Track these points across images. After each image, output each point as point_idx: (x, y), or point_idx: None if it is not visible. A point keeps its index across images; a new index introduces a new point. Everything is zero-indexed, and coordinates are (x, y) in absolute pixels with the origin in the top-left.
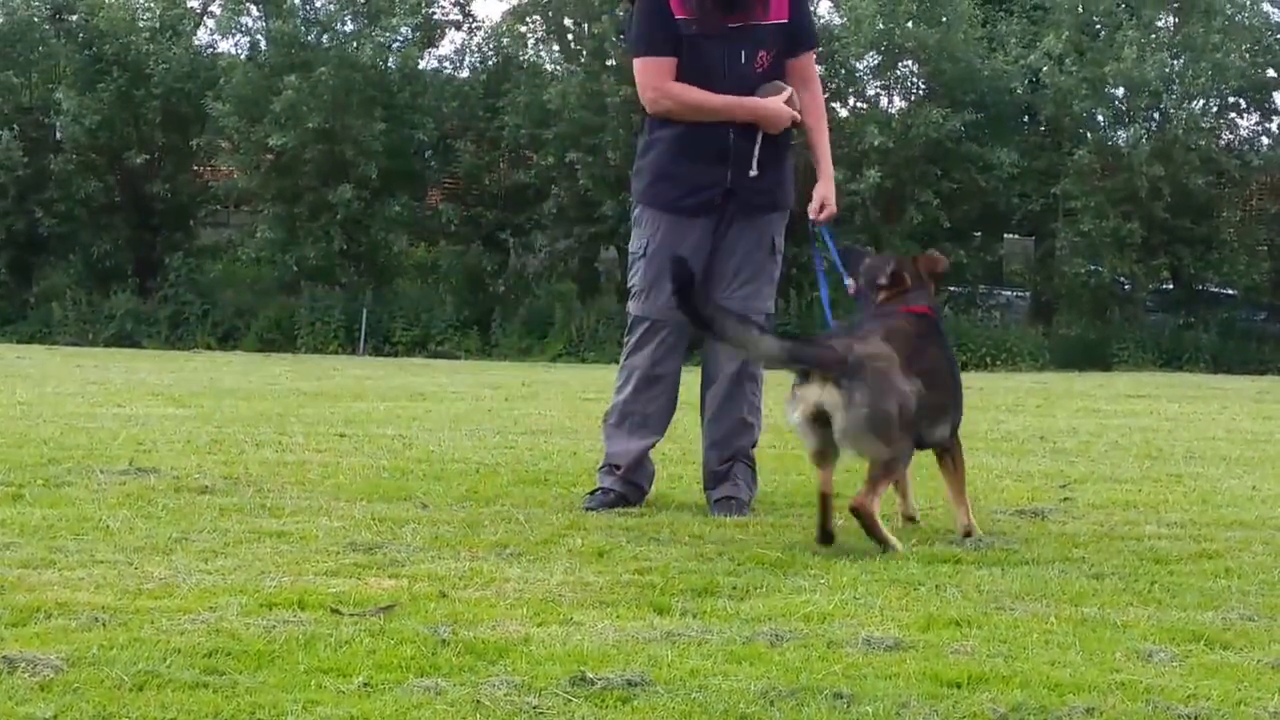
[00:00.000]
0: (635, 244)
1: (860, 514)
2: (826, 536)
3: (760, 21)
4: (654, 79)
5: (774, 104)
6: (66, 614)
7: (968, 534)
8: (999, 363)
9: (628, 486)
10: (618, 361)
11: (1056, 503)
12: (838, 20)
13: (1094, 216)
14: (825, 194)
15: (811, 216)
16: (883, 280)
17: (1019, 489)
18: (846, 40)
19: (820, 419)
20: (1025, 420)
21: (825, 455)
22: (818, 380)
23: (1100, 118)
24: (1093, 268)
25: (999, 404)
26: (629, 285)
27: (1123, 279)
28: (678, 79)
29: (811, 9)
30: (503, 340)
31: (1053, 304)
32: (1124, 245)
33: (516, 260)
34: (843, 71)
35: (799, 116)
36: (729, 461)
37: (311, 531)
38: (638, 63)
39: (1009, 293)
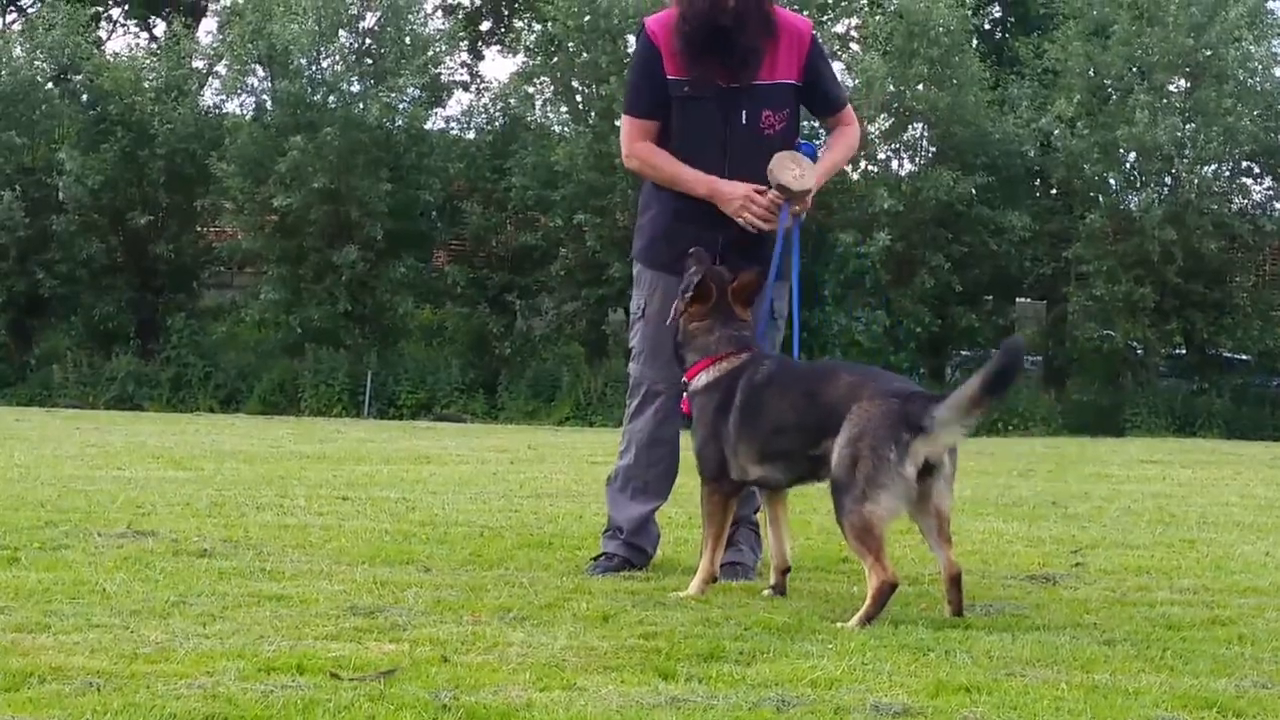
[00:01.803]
0: (635, 304)
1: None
2: None
3: (763, 81)
4: (627, 138)
5: (731, 189)
6: (61, 679)
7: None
8: (1011, 427)
9: (632, 551)
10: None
11: (1068, 568)
12: (849, 82)
13: (1106, 281)
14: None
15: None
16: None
17: (1030, 554)
18: (857, 103)
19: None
20: (1037, 485)
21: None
22: None
23: (1112, 181)
24: (1105, 332)
25: (1010, 469)
26: (630, 346)
27: (1135, 344)
28: (674, 139)
29: (830, 66)
30: (509, 403)
31: (1065, 368)
32: (1136, 310)
33: (523, 322)
34: None
35: (780, 204)
36: (733, 527)
37: (312, 595)
38: (622, 119)
39: None
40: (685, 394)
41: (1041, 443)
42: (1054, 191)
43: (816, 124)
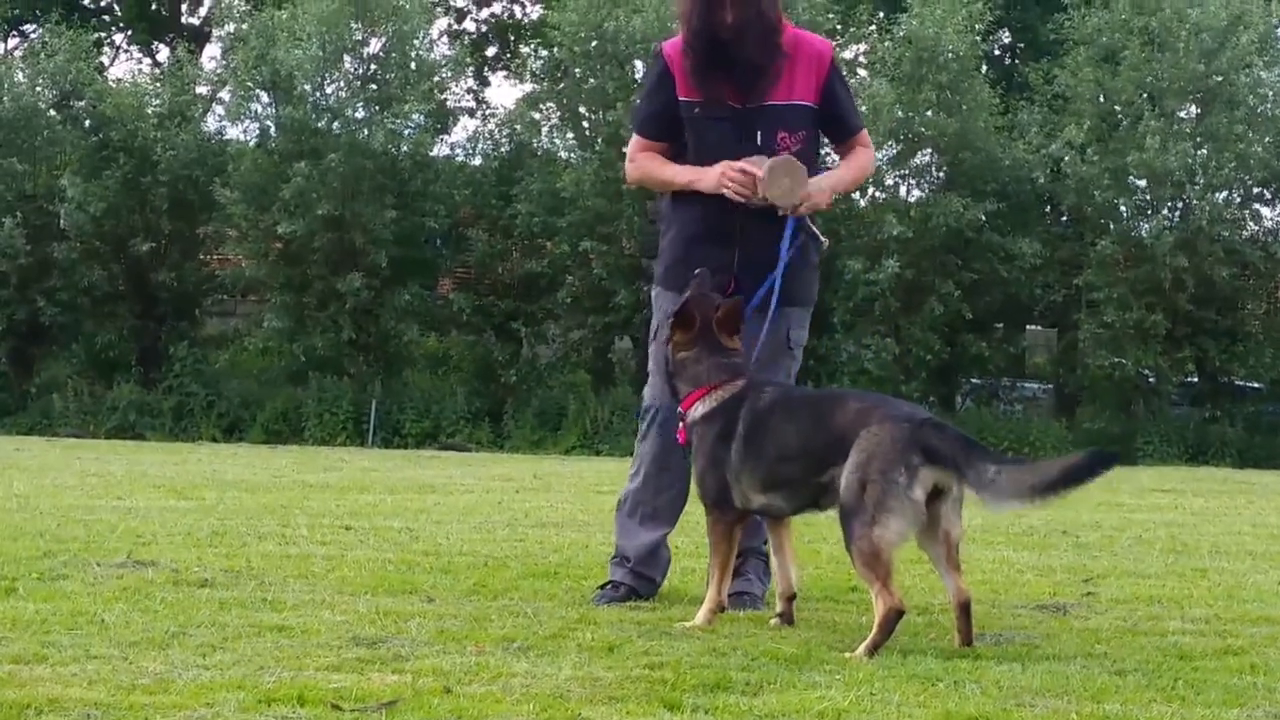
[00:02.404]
0: (652, 326)
1: None
2: None
3: (779, 102)
4: (630, 151)
5: (708, 171)
6: (58, 711)
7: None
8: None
9: (638, 579)
10: (632, 453)
11: (1079, 597)
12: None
13: (1117, 308)
14: (814, 187)
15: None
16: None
17: (1041, 583)
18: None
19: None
20: (1047, 514)
21: None
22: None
23: (1123, 208)
24: (1116, 360)
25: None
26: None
27: (1147, 371)
28: (690, 160)
29: (849, 90)
30: (515, 432)
31: (1076, 397)
32: (1148, 337)
33: (529, 350)
34: None
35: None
36: (741, 556)
37: (313, 625)
38: (631, 139)
39: (1032, 385)
40: (682, 424)
41: None
42: (1064, 218)
43: (828, 150)
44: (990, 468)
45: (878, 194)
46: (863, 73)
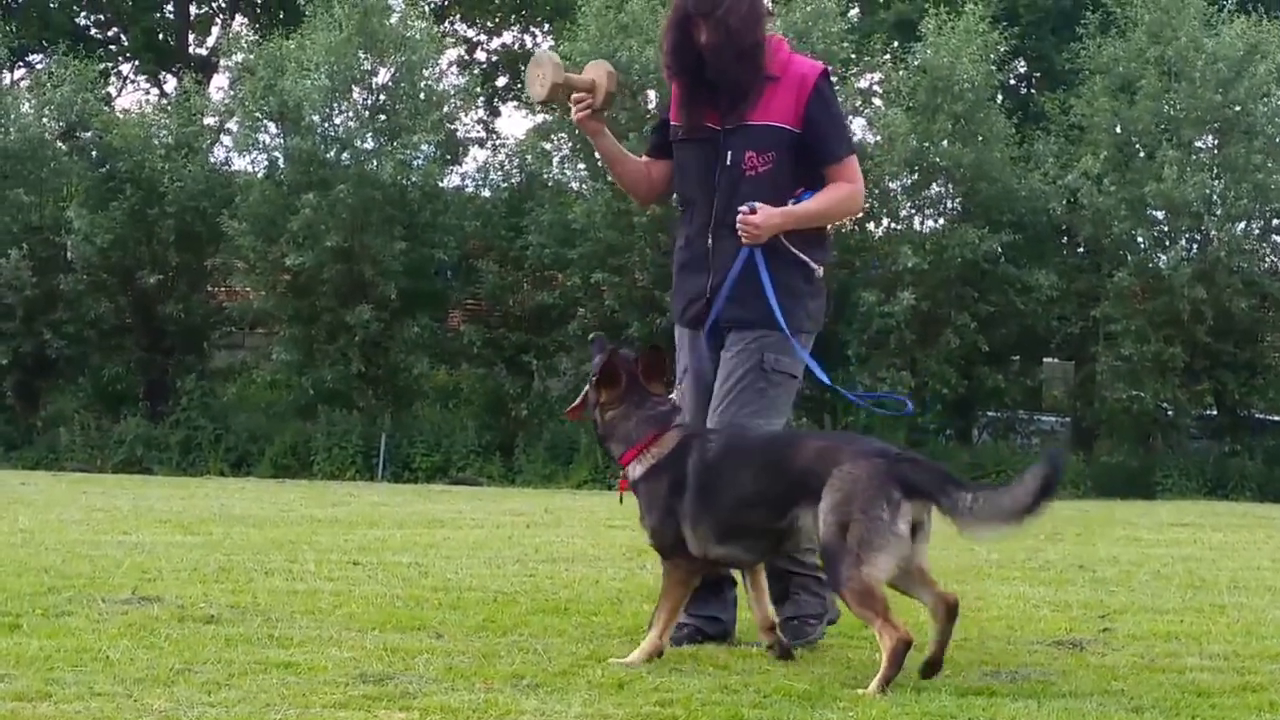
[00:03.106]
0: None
1: None
2: None
3: (752, 122)
4: None
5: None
6: None
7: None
8: None
9: (703, 619)
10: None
11: (1096, 633)
12: (871, 138)
13: (1135, 340)
14: (758, 209)
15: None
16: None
17: (1057, 619)
18: (880, 159)
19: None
20: (1065, 549)
21: None
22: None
23: (1140, 239)
24: (1134, 393)
25: (1037, 531)
26: None
27: (1165, 405)
28: (675, 182)
29: (838, 118)
30: (526, 466)
31: (1093, 430)
32: (1166, 370)
33: (540, 384)
34: (876, 191)
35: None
36: (789, 577)
37: (320, 662)
38: None
39: (1049, 418)
40: (623, 476)
41: (1069, 505)
42: (1081, 249)
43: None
44: (967, 495)
45: (892, 225)
46: (877, 102)
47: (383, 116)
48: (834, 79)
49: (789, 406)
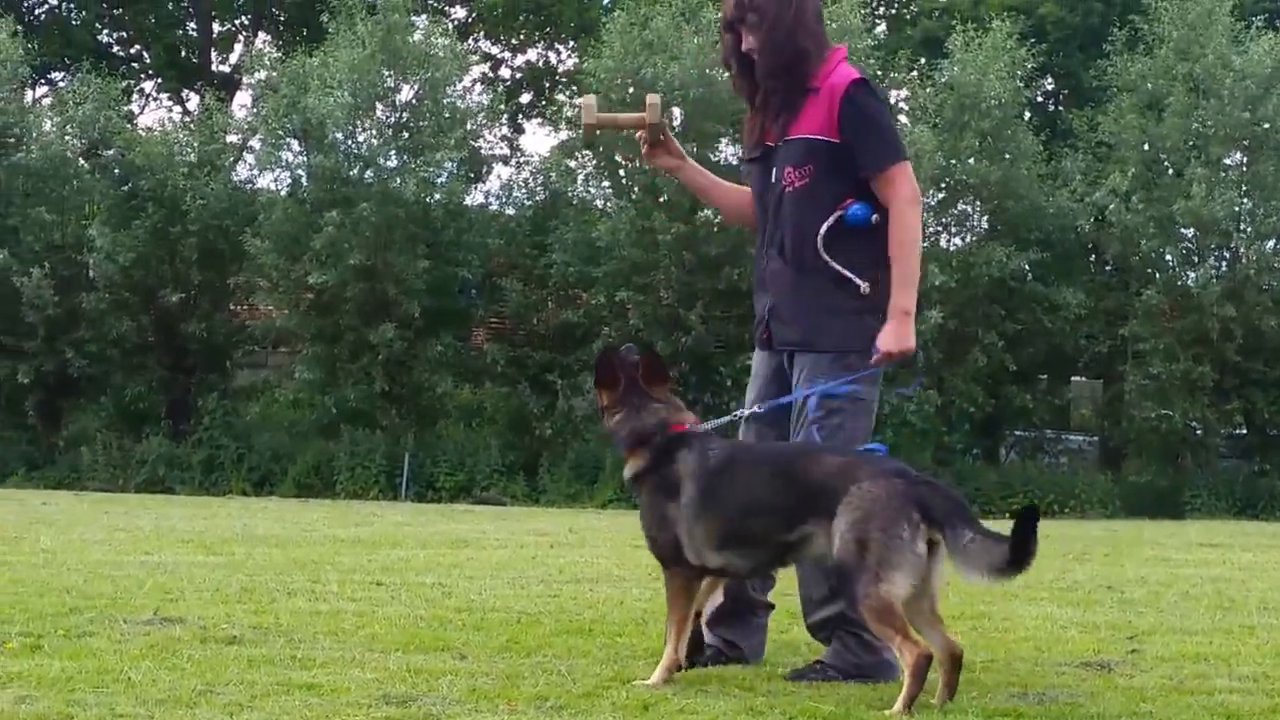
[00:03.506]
0: None
1: None
2: None
3: (790, 137)
4: None
5: None
6: None
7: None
8: (1066, 510)
9: (725, 642)
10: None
11: (1124, 655)
12: None
13: (1164, 359)
14: (882, 337)
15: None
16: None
17: (1085, 640)
18: None
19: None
20: (1092, 569)
21: None
22: None
23: (1169, 257)
24: (1163, 412)
25: (1065, 552)
26: None
27: (1194, 424)
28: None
29: (875, 126)
30: (550, 485)
31: (1122, 449)
32: (1195, 388)
33: (565, 402)
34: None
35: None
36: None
37: (343, 684)
38: None
39: (1077, 437)
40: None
41: (1097, 525)
42: (1109, 267)
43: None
44: (967, 534)
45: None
46: (904, 119)
47: (406, 134)
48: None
49: (863, 430)
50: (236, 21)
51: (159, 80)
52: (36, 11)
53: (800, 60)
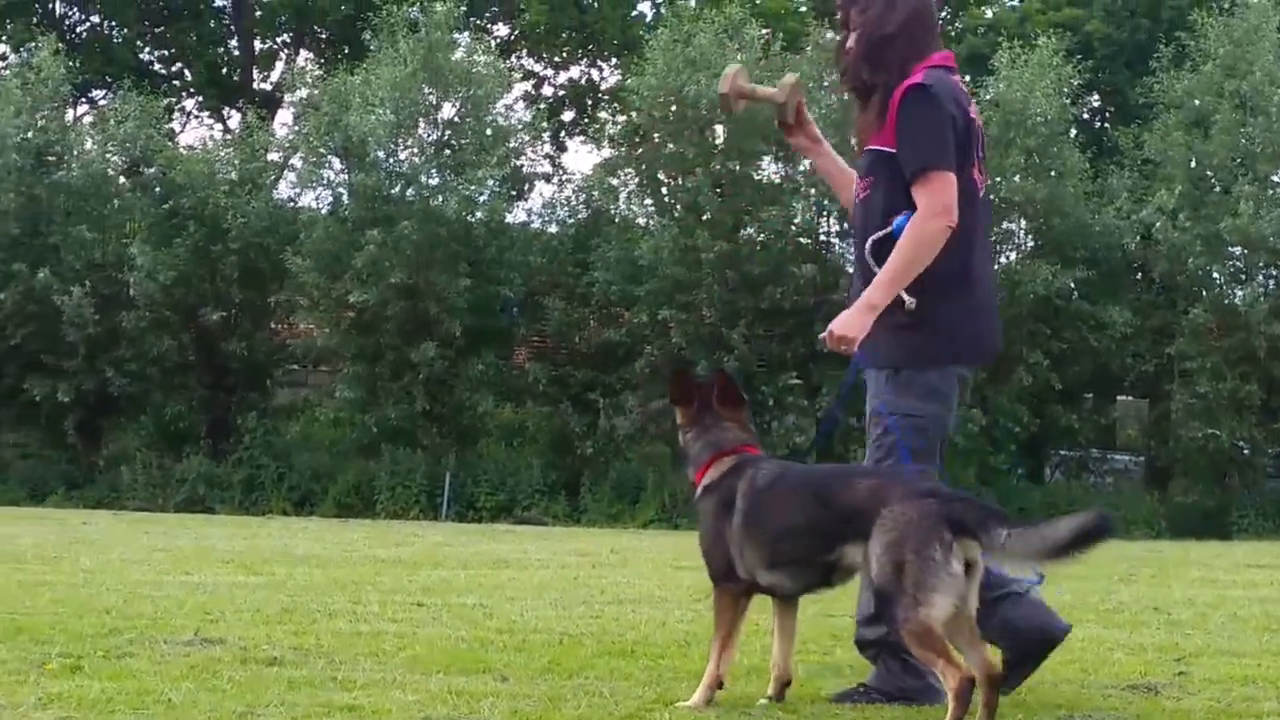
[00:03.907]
0: None
1: None
2: None
3: (867, 146)
4: None
5: None
6: None
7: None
8: None
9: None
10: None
11: (1171, 677)
12: None
13: (1211, 378)
14: (835, 319)
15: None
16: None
17: (1131, 662)
18: None
19: None
20: (1139, 590)
21: None
22: None
23: (1216, 275)
24: (1210, 431)
25: (1111, 573)
26: None
27: (1242, 443)
28: None
29: (917, 131)
30: (592, 505)
31: (1168, 469)
32: (1242, 407)
33: (606, 421)
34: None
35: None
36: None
37: (384, 705)
38: None
39: (1123, 457)
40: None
41: (1143, 546)
42: (1156, 286)
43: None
44: (1002, 531)
45: None
46: None
47: (448, 152)
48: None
49: (921, 449)
50: (278, 39)
51: (200, 98)
52: (78, 30)
53: (883, 69)
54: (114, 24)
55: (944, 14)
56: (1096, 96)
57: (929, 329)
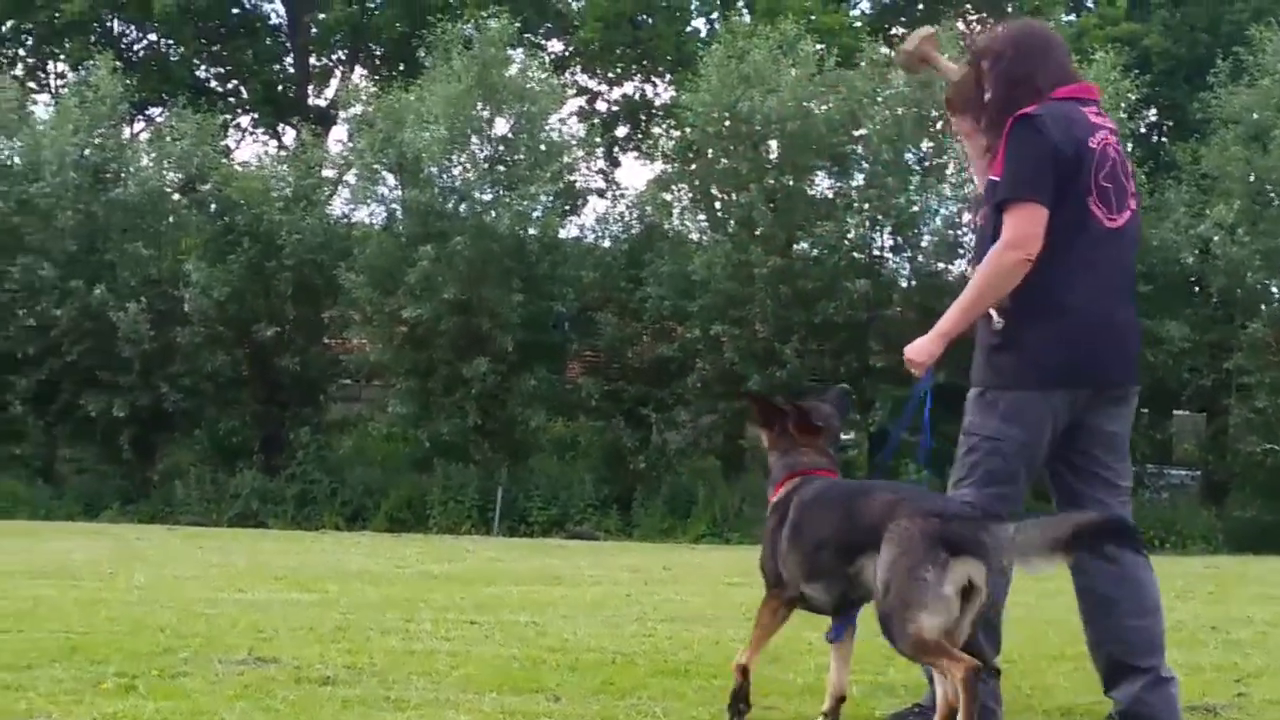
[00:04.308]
0: None
1: None
2: None
3: (989, 177)
4: None
5: None
6: None
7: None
8: (1168, 545)
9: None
10: (763, 543)
11: (1230, 698)
12: None
13: (1269, 392)
14: (910, 346)
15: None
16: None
17: (1189, 683)
18: None
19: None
20: (1196, 608)
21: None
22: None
23: (1275, 289)
24: (1269, 446)
25: (1167, 590)
26: None
27: None
28: None
29: (1013, 162)
30: (644, 520)
31: (1226, 484)
32: None
33: (659, 436)
34: None
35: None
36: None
37: None
38: None
39: (1180, 472)
40: None
41: (1201, 562)
42: (1214, 300)
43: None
44: (1009, 529)
45: None
46: None
47: (501, 167)
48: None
49: (995, 471)
50: (333, 56)
51: (255, 115)
52: (135, 48)
53: (997, 102)
54: (171, 42)
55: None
56: (1154, 111)
57: (1014, 351)
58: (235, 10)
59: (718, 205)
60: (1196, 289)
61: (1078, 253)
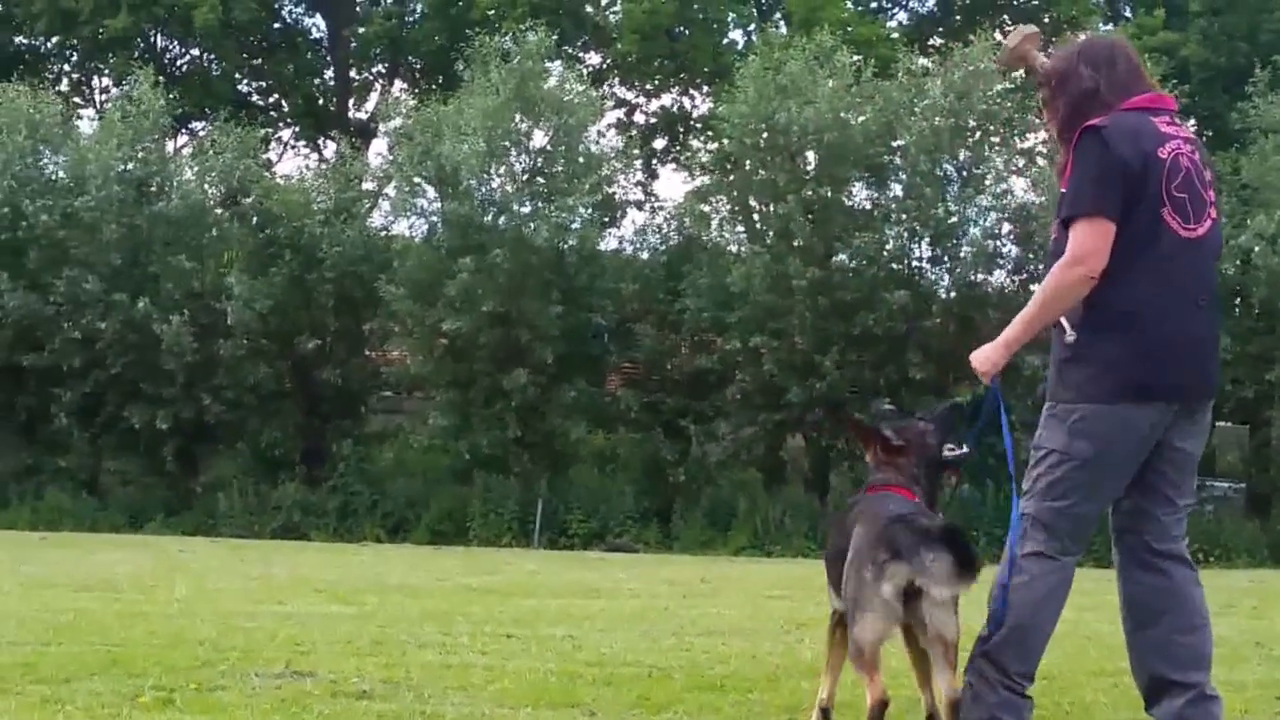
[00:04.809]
0: None
1: None
2: None
3: (1062, 189)
4: None
5: None
6: None
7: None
8: (1211, 559)
9: None
10: (804, 555)
11: (1272, 715)
12: (1035, 199)
13: None
14: (975, 354)
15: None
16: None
17: (1232, 700)
18: (1045, 220)
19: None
20: (1239, 623)
21: None
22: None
23: None
24: None
25: (1210, 604)
26: None
27: None
28: None
29: (1076, 177)
30: (683, 532)
31: (1269, 496)
32: None
33: (698, 448)
34: (1041, 253)
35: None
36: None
37: None
38: None
39: (1222, 484)
40: None
41: (1244, 575)
42: (1255, 311)
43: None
44: (928, 556)
45: None
46: (1041, 162)
47: (540, 180)
48: (1093, 136)
49: (1061, 485)
50: (373, 70)
51: (296, 128)
52: (178, 63)
53: (1067, 119)
54: (213, 56)
55: None
56: (1193, 121)
57: (1084, 365)
58: (276, 25)
59: (756, 217)
60: (1238, 300)
61: (1150, 264)
